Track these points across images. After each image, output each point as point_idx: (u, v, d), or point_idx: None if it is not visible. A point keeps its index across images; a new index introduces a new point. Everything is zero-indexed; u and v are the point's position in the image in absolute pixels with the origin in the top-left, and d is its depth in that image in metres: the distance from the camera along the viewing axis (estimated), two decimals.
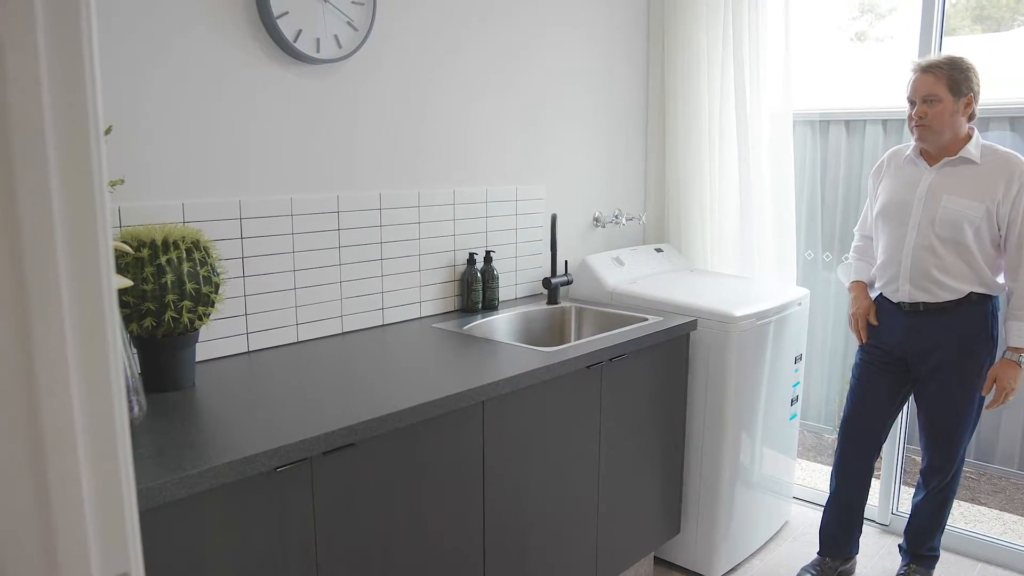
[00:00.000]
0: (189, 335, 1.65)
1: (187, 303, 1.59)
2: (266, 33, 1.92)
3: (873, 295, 2.48)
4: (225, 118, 1.89)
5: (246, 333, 1.98)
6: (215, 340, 1.91)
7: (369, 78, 2.17)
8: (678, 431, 2.50)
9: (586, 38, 2.86)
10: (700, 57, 2.99)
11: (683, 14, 3.01)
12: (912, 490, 2.61)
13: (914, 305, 2.30)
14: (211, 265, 1.66)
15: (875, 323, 2.43)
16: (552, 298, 2.63)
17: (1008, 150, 2.22)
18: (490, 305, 2.53)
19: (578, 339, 2.60)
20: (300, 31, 1.95)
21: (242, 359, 1.94)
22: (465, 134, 2.47)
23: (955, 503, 2.48)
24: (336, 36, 2.03)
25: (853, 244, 2.62)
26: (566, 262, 2.70)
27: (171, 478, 1.22)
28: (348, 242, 2.17)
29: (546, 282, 2.61)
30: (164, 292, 1.56)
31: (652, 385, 2.34)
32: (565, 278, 2.66)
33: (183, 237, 1.61)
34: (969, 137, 2.23)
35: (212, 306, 1.66)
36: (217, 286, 1.67)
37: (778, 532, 2.94)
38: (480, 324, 2.37)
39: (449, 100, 2.40)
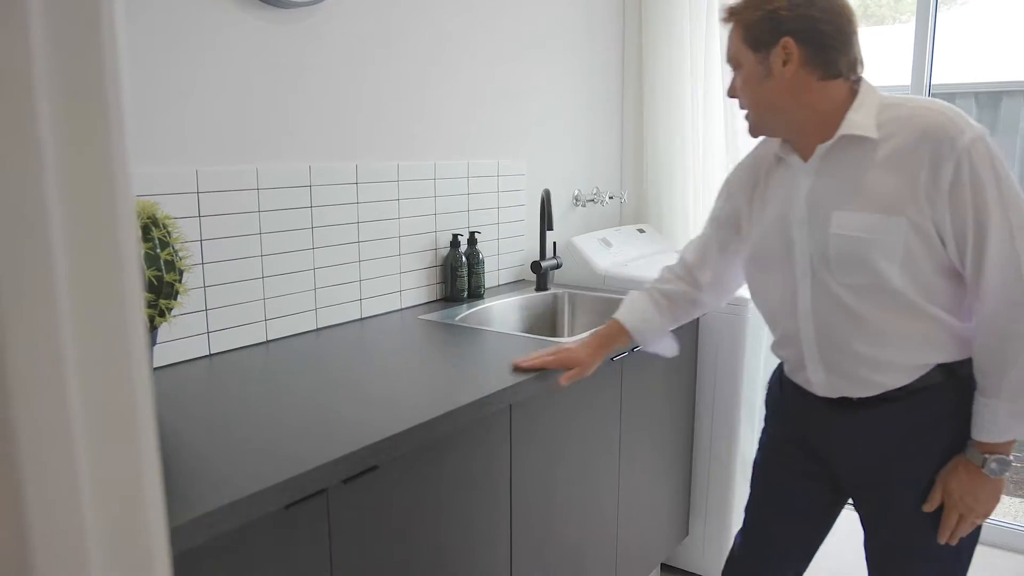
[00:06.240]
0: (147, 336, 1.30)
1: (147, 295, 1.25)
2: None
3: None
4: (175, 68, 1.53)
5: (207, 332, 1.63)
6: (170, 342, 1.55)
7: (346, 28, 1.85)
8: (687, 425, 2.30)
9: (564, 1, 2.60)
10: (683, 27, 2.78)
11: None
12: None
13: (840, 400, 1.34)
14: (173, 247, 1.31)
15: (564, 383, 1.52)
16: (541, 283, 2.37)
17: (926, 104, 1.21)
18: (475, 293, 2.24)
19: (574, 327, 2.35)
20: None
21: (203, 364, 1.59)
22: (445, 97, 2.17)
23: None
24: None
25: (662, 268, 1.63)
26: (555, 244, 2.44)
27: None
28: (322, 222, 1.85)
29: (535, 266, 2.35)
30: None
31: (665, 376, 2.12)
32: (554, 261, 2.40)
33: (138, 212, 1.26)
34: (851, 98, 1.25)
35: (175, 298, 1.32)
36: (181, 273, 1.33)
37: None
38: (471, 314, 2.08)
39: (430, 61, 2.10)
